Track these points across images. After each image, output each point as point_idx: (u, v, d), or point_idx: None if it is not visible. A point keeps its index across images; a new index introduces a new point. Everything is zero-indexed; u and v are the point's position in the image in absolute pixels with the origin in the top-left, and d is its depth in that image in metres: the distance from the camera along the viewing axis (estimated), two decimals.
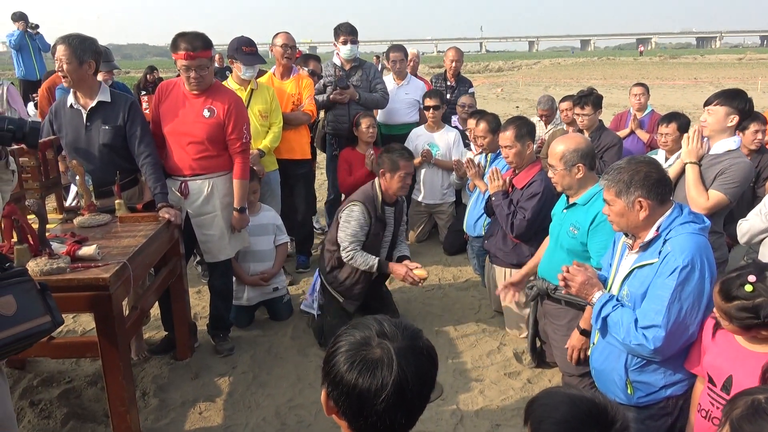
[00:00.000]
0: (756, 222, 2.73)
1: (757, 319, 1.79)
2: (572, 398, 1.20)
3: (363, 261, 3.59)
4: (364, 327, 1.17)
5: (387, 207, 3.75)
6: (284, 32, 4.67)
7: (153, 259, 2.99)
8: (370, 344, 1.13)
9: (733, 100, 2.98)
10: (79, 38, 3.00)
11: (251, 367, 3.47)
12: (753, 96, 3.20)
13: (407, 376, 1.10)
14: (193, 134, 3.27)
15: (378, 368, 1.09)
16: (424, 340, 1.19)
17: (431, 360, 1.18)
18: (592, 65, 51.92)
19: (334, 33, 5.06)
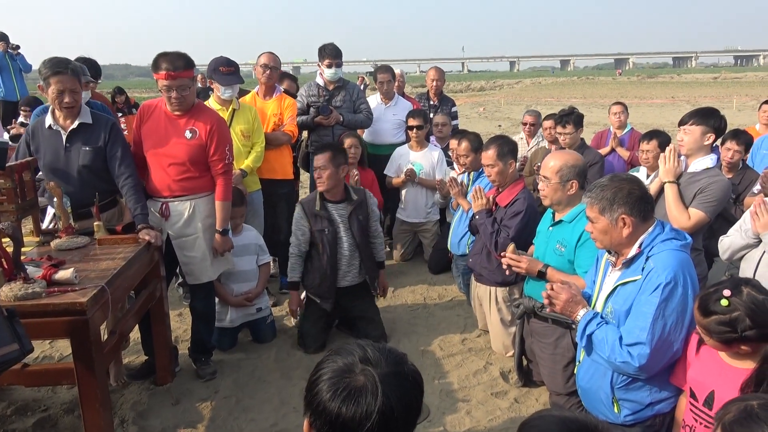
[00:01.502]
0: (736, 238, 2.76)
1: (734, 333, 1.80)
2: (563, 420, 1.18)
3: (290, 267, 3.92)
4: (346, 353, 1.14)
5: (331, 203, 3.84)
6: (268, 52, 4.68)
7: (132, 282, 2.94)
8: (354, 371, 1.10)
9: (708, 118, 3.04)
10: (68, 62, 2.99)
11: (234, 392, 3.40)
12: (728, 114, 3.26)
13: (392, 403, 1.07)
14: (174, 155, 3.24)
15: (362, 396, 1.06)
16: (408, 365, 1.16)
17: (416, 385, 1.15)
18: (572, 84, 52.86)
19: (319, 54, 5.08)
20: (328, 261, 3.83)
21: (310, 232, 3.83)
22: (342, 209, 3.88)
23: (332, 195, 3.86)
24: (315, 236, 3.83)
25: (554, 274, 2.94)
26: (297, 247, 3.88)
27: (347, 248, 3.89)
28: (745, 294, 1.81)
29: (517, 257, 3.13)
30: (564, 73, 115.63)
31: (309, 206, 3.85)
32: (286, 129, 4.59)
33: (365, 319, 4.02)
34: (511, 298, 3.65)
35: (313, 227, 3.82)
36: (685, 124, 3.09)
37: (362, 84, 7.64)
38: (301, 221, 3.85)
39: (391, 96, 5.64)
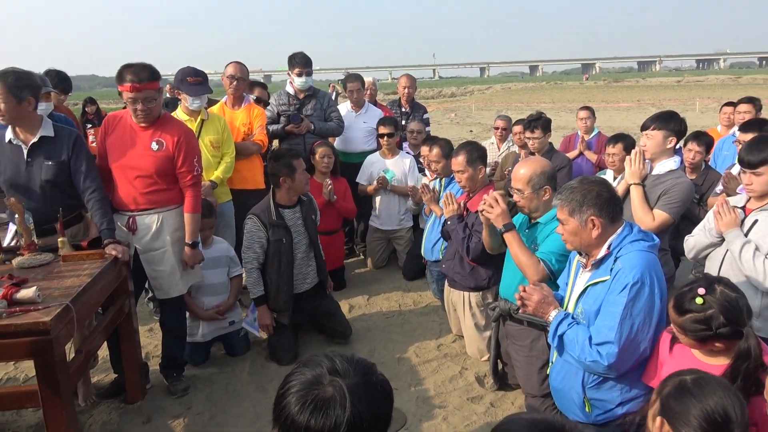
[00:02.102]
0: (701, 238, 2.82)
1: (709, 331, 1.84)
2: (531, 422, 1.20)
3: (254, 282, 3.81)
4: (314, 365, 1.13)
5: (286, 210, 3.85)
6: (234, 63, 4.63)
7: (99, 299, 2.86)
8: (322, 382, 1.09)
9: (668, 122, 3.11)
10: (15, 75, 2.86)
11: (207, 407, 3.34)
12: (691, 116, 3.36)
13: (361, 414, 1.06)
14: (140, 168, 3.18)
15: (330, 407, 1.05)
16: (377, 375, 1.15)
17: (386, 395, 1.14)
18: (541, 90, 53.73)
19: (289, 63, 5.06)
20: (284, 271, 3.83)
21: (267, 242, 3.78)
22: (296, 213, 3.92)
23: (288, 201, 3.88)
24: (272, 247, 3.78)
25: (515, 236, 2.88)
26: (256, 261, 3.80)
27: (304, 251, 3.94)
28: (718, 292, 1.85)
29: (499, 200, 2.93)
30: (533, 78, 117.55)
31: (265, 216, 3.78)
32: (256, 138, 4.56)
33: (329, 316, 4.08)
34: (484, 302, 3.67)
35: (271, 238, 3.77)
36: (647, 129, 3.16)
37: (333, 92, 7.64)
38: (258, 233, 3.77)
39: (362, 104, 5.65)
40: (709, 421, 1.47)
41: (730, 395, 1.51)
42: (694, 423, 1.48)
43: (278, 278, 3.83)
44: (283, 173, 3.78)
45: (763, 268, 2.50)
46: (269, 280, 3.84)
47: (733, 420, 1.47)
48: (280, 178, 3.80)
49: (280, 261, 3.81)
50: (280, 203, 3.86)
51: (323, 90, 5.44)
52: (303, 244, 3.94)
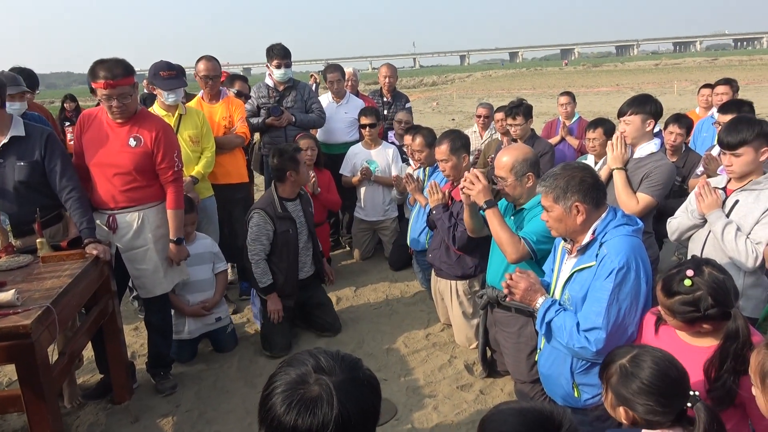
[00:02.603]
0: (684, 220, 2.84)
1: (698, 313, 1.84)
2: (520, 410, 1.22)
3: (261, 273, 3.86)
4: (299, 363, 1.11)
5: (289, 202, 3.97)
6: (205, 60, 4.49)
7: (81, 300, 2.81)
8: (307, 381, 1.07)
9: (644, 105, 3.13)
10: None
11: (196, 404, 3.31)
12: (669, 98, 3.38)
13: (349, 412, 1.04)
14: (119, 165, 3.11)
15: (317, 406, 1.04)
16: (364, 371, 1.14)
17: (373, 390, 1.13)
18: (522, 76, 53.89)
19: (267, 55, 4.99)
20: (292, 260, 3.95)
21: (274, 234, 3.87)
22: (297, 205, 4.03)
23: (291, 193, 3.98)
24: (280, 238, 3.89)
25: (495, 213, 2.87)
26: (263, 252, 3.87)
27: (304, 241, 4.05)
28: (706, 274, 1.85)
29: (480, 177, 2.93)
30: (513, 65, 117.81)
31: (271, 210, 3.88)
32: (239, 131, 4.50)
33: (321, 307, 4.14)
34: (471, 290, 3.68)
35: (278, 230, 3.87)
36: (624, 115, 3.18)
37: (314, 83, 7.56)
38: (266, 226, 3.85)
39: (342, 94, 5.60)
40: (655, 392, 1.64)
41: (659, 360, 1.68)
42: (643, 400, 1.65)
43: (287, 267, 3.95)
44: (290, 167, 3.88)
45: (745, 248, 2.53)
46: (277, 269, 3.93)
47: (674, 377, 1.65)
48: (287, 173, 3.89)
49: (288, 251, 3.93)
50: (282, 196, 3.95)
51: (303, 81, 5.37)
52: (304, 234, 4.06)
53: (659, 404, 1.65)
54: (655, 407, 1.65)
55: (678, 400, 1.65)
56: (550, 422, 1.17)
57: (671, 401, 1.65)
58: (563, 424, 1.17)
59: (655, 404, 1.65)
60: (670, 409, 1.65)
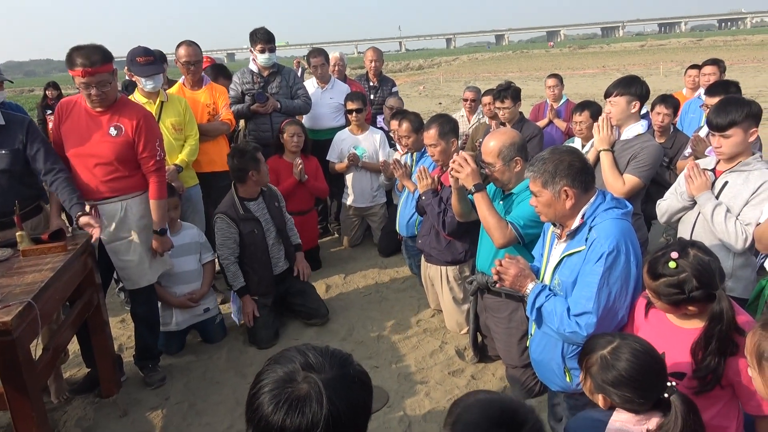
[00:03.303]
0: (673, 202, 2.84)
1: (682, 295, 1.84)
2: (485, 402, 1.23)
3: (233, 276, 3.87)
4: (286, 361, 1.08)
5: (251, 202, 3.92)
6: (185, 45, 4.37)
7: (65, 293, 2.75)
8: (296, 379, 1.04)
9: (630, 87, 3.11)
10: None
11: (186, 396, 3.28)
12: (655, 80, 3.36)
13: (339, 410, 1.01)
14: (99, 155, 3.04)
15: (306, 405, 1.00)
16: (354, 366, 1.11)
17: (364, 387, 1.10)
18: (508, 59, 53.77)
19: (251, 39, 4.89)
20: (262, 258, 3.93)
21: (240, 236, 3.84)
22: (260, 204, 3.98)
23: (250, 194, 3.94)
24: (246, 239, 3.86)
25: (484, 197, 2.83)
26: (232, 256, 3.87)
27: (273, 238, 4.02)
28: (692, 256, 1.85)
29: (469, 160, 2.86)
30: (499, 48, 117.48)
31: (232, 212, 3.84)
32: (224, 118, 4.41)
33: (302, 295, 4.11)
34: (461, 276, 3.66)
35: (243, 231, 3.84)
36: (610, 96, 3.16)
37: (299, 68, 7.45)
38: (229, 230, 3.83)
39: (327, 79, 5.52)
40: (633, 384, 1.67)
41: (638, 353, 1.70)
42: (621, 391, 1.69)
43: (258, 266, 3.92)
44: (251, 167, 3.82)
45: (735, 229, 2.53)
46: (250, 269, 3.91)
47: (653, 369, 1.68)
48: (249, 173, 3.83)
49: (256, 250, 3.90)
50: (243, 197, 3.91)
51: (288, 66, 5.28)
52: (272, 232, 4.02)
53: (636, 395, 1.68)
54: (633, 398, 1.69)
55: (655, 391, 1.68)
56: (513, 418, 1.16)
57: (648, 393, 1.68)
58: (527, 421, 1.16)
59: (633, 395, 1.69)
60: (647, 399, 1.69)
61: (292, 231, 4.27)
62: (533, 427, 1.16)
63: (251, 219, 3.88)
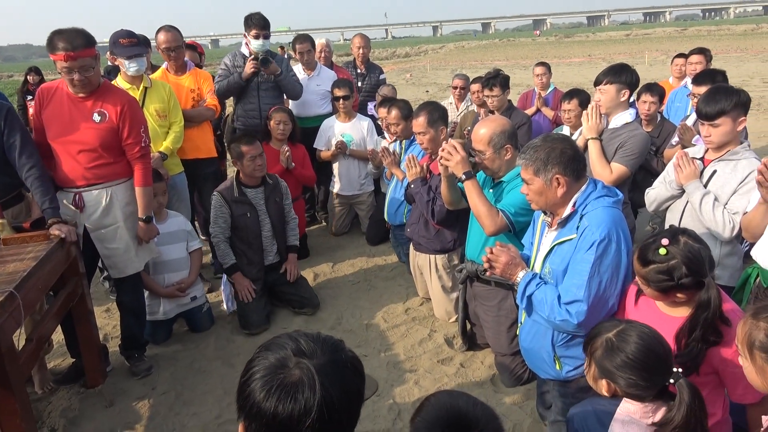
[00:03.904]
0: (662, 190, 2.85)
1: (671, 282, 1.85)
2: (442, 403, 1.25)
3: (223, 253, 3.89)
4: (278, 347, 1.06)
5: (249, 189, 3.95)
6: (165, 30, 4.27)
7: (48, 282, 2.69)
8: (287, 365, 1.02)
9: (620, 75, 3.12)
10: None
11: (173, 386, 3.25)
12: (641, 69, 3.36)
13: (332, 395, 1.00)
14: (83, 141, 2.97)
15: (299, 391, 0.99)
16: (346, 352, 1.10)
17: (357, 372, 1.09)
18: (495, 47, 53.70)
19: (245, 24, 4.77)
20: (253, 243, 3.94)
21: (231, 217, 3.86)
22: (259, 193, 3.98)
23: (251, 181, 3.94)
24: (238, 221, 3.87)
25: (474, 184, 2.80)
26: (222, 234, 3.89)
27: (268, 230, 4.02)
28: (682, 243, 1.85)
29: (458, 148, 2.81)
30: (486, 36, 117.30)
31: (228, 193, 3.88)
32: (209, 104, 4.34)
33: (294, 284, 4.09)
34: (450, 264, 3.66)
35: (235, 213, 3.86)
36: (600, 84, 3.16)
37: (284, 56, 7.35)
38: (222, 208, 3.85)
39: (313, 66, 5.45)
40: (639, 367, 1.65)
41: (645, 336, 1.69)
42: (626, 374, 1.67)
43: (248, 249, 3.93)
44: (234, 157, 3.89)
45: (722, 218, 2.54)
46: (239, 251, 3.93)
47: (659, 353, 1.67)
48: (234, 162, 3.93)
49: (248, 234, 3.91)
50: (242, 182, 3.94)
51: (280, 55, 5.18)
52: (266, 223, 4.01)
53: (642, 379, 1.66)
54: (638, 381, 1.67)
55: (661, 376, 1.67)
56: (459, 423, 1.18)
57: (654, 377, 1.67)
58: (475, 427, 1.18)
59: (638, 378, 1.67)
60: (652, 384, 1.67)
61: (292, 232, 4.22)
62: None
63: (245, 203, 3.89)
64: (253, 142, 3.88)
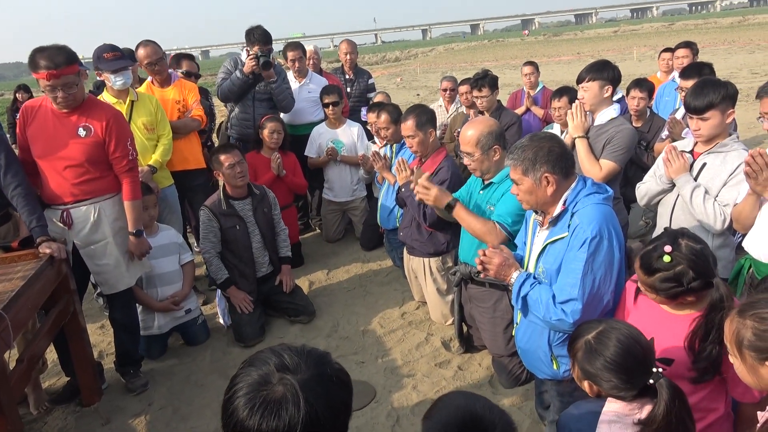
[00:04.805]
0: (652, 185, 2.84)
1: (681, 287, 1.81)
2: (457, 404, 1.25)
3: (215, 269, 3.87)
4: (261, 363, 1.05)
5: (236, 201, 3.92)
6: (143, 45, 4.25)
7: (38, 301, 2.66)
8: (271, 381, 1.01)
9: (602, 72, 3.11)
10: None
11: (170, 401, 3.22)
12: (629, 64, 3.37)
13: (317, 411, 0.99)
14: (69, 157, 2.95)
15: (282, 408, 0.97)
16: (332, 365, 1.08)
17: (343, 386, 1.08)
18: (484, 48, 53.89)
19: (246, 38, 4.73)
20: (244, 255, 3.91)
21: (221, 231, 3.84)
22: (247, 205, 3.95)
23: (237, 192, 3.91)
24: (227, 234, 3.85)
25: (461, 210, 2.88)
26: (213, 249, 3.87)
27: (258, 242, 3.99)
28: (683, 246, 1.81)
29: (427, 184, 2.89)
30: (475, 37, 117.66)
31: (215, 207, 3.86)
32: (194, 114, 4.32)
33: (288, 293, 4.06)
34: (444, 267, 3.64)
35: (224, 226, 3.83)
36: (582, 82, 3.16)
37: None
38: (211, 223, 3.83)
39: (305, 73, 5.43)
40: (618, 369, 1.64)
41: (623, 338, 1.67)
42: (606, 376, 1.66)
43: (240, 262, 3.91)
44: (215, 167, 3.88)
45: (713, 210, 2.54)
46: (231, 266, 3.90)
47: (638, 355, 1.65)
48: (215, 172, 3.92)
49: (238, 247, 3.89)
50: (228, 194, 3.92)
51: (279, 66, 5.15)
52: (256, 234, 3.98)
53: (622, 381, 1.65)
54: (618, 384, 1.66)
55: (641, 376, 1.65)
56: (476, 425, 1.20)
57: (634, 378, 1.65)
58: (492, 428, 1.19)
59: (618, 381, 1.66)
60: (632, 385, 1.66)
61: (284, 243, 4.18)
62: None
63: (233, 215, 3.86)
64: (231, 151, 3.85)
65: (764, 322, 1.39)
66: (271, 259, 4.08)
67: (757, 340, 1.39)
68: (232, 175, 3.82)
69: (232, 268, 3.89)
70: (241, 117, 4.85)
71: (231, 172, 3.81)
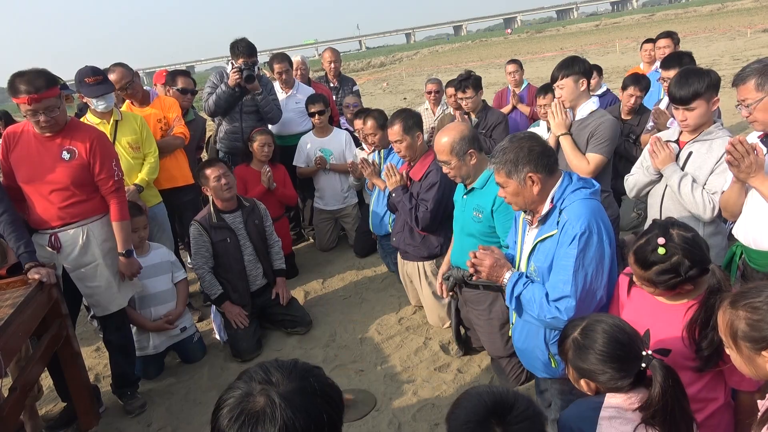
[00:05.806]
0: (640, 176, 2.85)
1: (678, 277, 1.81)
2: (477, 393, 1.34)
3: (209, 285, 3.83)
4: (247, 377, 1.07)
5: (226, 214, 3.90)
6: (113, 69, 4.22)
7: (29, 328, 2.63)
8: (252, 394, 1.03)
9: (572, 67, 3.14)
10: None
11: (169, 421, 3.19)
12: (612, 57, 3.39)
13: (296, 424, 0.99)
14: (55, 181, 2.92)
15: (260, 420, 0.99)
16: (319, 378, 1.09)
17: (327, 399, 1.07)
18: (468, 49, 54.12)
19: (231, 51, 4.72)
20: (236, 268, 3.88)
21: (212, 245, 3.80)
22: (237, 217, 3.93)
23: (226, 206, 3.89)
24: (218, 247, 3.82)
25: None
26: (206, 264, 3.83)
27: (250, 253, 3.96)
28: (675, 236, 1.81)
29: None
30: (458, 38, 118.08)
31: (205, 221, 3.83)
32: (176, 132, 4.28)
33: (281, 306, 4.03)
34: (439, 269, 3.63)
35: (214, 239, 3.80)
36: (556, 80, 3.18)
37: None
38: (201, 237, 3.81)
39: (292, 84, 5.42)
40: (609, 359, 1.64)
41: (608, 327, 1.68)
42: (600, 369, 1.66)
43: (232, 276, 3.88)
44: (203, 183, 3.87)
45: (702, 199, 2.54)
46: (225, 280, 3.87)
47: (624, 340, 1.66)
48: (203, 188, 3.90)
49: (230, 261, 3.85)
50: (218, 208, 3.89)
51: (265, 77, 5.13)
52: (248, 247, 3.96)
53: (615, 370, 1.64)
54: (613, 374, 1.65)
55: (633, 362, 1.64)
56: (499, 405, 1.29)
57: (627, 364, 1.64)
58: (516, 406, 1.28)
59: (612, 371, 1.65)
60: (627, 372, 1.65)
61: (277, 255, 4.16)
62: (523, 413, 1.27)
63: (224, 228, 3.84)
64: (215, 164, 3.86)
65: (757, 312, 1.38)
66: (265, 271, 4.05)
67: (751, 331, 1.38)
68: (219, 188, 3.80)
69: (225, 283, 3.85)
70: (230, 130, 4.83)
71: (217, 185, 3.79)
